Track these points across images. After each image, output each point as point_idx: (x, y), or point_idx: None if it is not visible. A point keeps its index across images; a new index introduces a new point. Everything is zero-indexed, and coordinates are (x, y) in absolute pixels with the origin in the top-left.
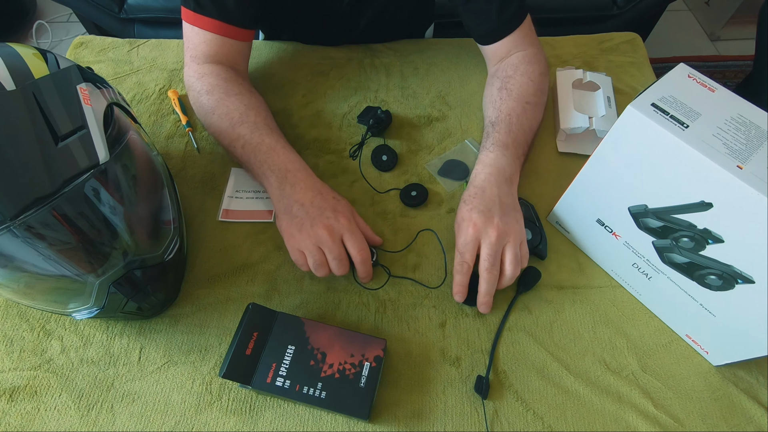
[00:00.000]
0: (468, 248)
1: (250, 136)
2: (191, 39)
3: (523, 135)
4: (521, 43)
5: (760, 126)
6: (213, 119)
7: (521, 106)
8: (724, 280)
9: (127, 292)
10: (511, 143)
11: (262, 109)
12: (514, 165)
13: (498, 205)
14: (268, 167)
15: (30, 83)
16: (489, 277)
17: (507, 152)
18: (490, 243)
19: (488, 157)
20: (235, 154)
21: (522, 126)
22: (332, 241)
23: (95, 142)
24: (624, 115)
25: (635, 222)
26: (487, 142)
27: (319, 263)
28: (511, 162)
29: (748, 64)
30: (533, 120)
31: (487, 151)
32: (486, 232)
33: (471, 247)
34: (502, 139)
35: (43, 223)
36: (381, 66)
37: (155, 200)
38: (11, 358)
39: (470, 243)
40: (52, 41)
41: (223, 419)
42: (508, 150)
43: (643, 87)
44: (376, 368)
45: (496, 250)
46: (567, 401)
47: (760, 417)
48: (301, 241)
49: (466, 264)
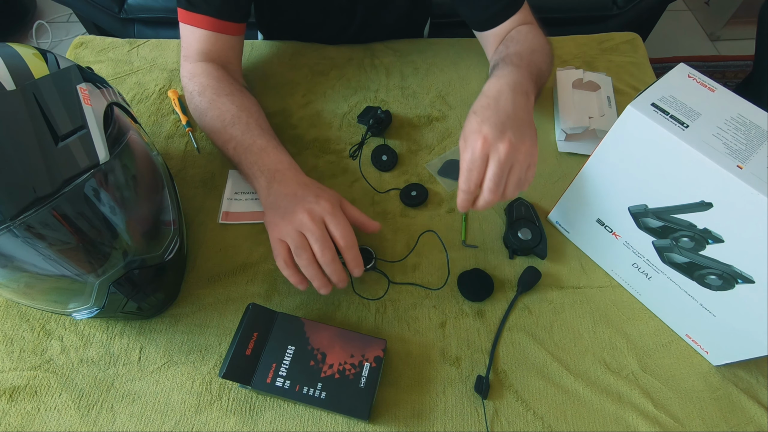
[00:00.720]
0: (476, 165)
1: (242, 138)
2: (185, 38)
3: (535, 66)
4: (523, 22)
5: (760, 126)
6: (206, 120)
7: (529, 50)
8: (724, 280)
9: (127, 292)
10: (524, 66)
11: (254, 110)
12: (529, 83)
13: (512, 118)
14: (258, 168)
15: (30, 83)
16: (490, 199)
17: (521, 70)
18: (499, 161)
19: (500, 72)
20: (227, 155)
21: (533, 61)
22: (313, 223)
23: (95, 142)
24: (624, 115)
25: (635, 222)
26: (496, 69)
27: (300, 246)
28: (526, 78)
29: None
30: (542, 62)
31: (497, 70)
32: (496, 147)
33: (479, 164)
34: (514, 62)
35: (43, 223)
36: (381, 66)
37: (155, 200)
38: (11, 358)
39: (479, 159)
40: (52, 41)
41: (223, 419)
42: (522, 69)
43: (643, 87)
44: (376, 368)
45: (504, 170)
46: (567, 401)
47: (760, 417)
48: (282, 228)
49: (474, 182)
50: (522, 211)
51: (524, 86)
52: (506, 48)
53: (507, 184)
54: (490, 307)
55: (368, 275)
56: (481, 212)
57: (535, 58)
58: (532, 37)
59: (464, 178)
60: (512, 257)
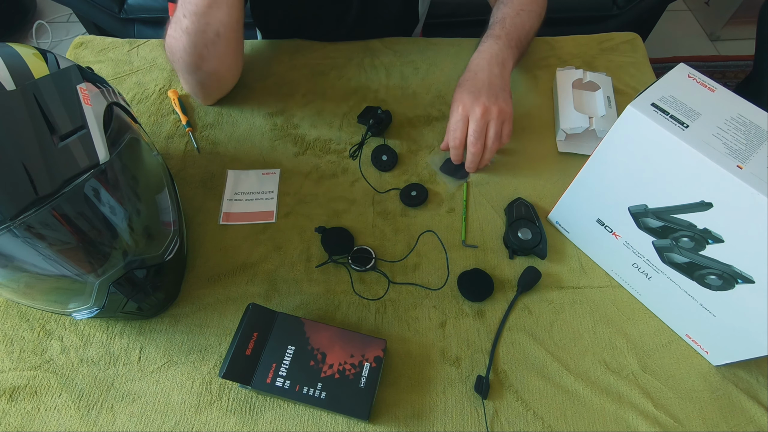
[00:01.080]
0: (458, 126)
1: None
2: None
3: (516, 30)
4: None
5: (760, 126)
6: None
7: (515, 11)
8: (724, 280)
9: (127, 292)
10: (504, 35)
11: None
12: (506, 52)
13: (487, 86)
14: None
15: (30, 83)
16: (474, 150)
17: (499, 41)
18: (476, 119)
19: (482, 47)
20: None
21: (515, 24)
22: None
23: (95, 142)
24: (624, 115)
25: (635, 222)
26: (481, 41)
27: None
28: (503, 48)
29: (748, 64)
30: (527, 22)
31: (481, 44)
32: (473, 110)
33: (461, 125)
34: (495, 33)
35: (43, 223)
36: (381, 66)
37: (155, 200)
38: (11, 358)
39: (460, 121)
40: (52, 41)
41: (223, 419)
42: (501, 39)
43: (643, 87)
44: (376, 368)
45: (481, 126)
46: (567, 401)
47: (760, 417)
48: None
49: (458, 139)
50: (522, 211)
51: (500, 57)
52: (496, 12)
53: (486, 137)
54: (490, 307)
55: (368, 275)
56: (481, 212)
57: (519, 21)
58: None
59: (450, 136)
60: (512, 257)
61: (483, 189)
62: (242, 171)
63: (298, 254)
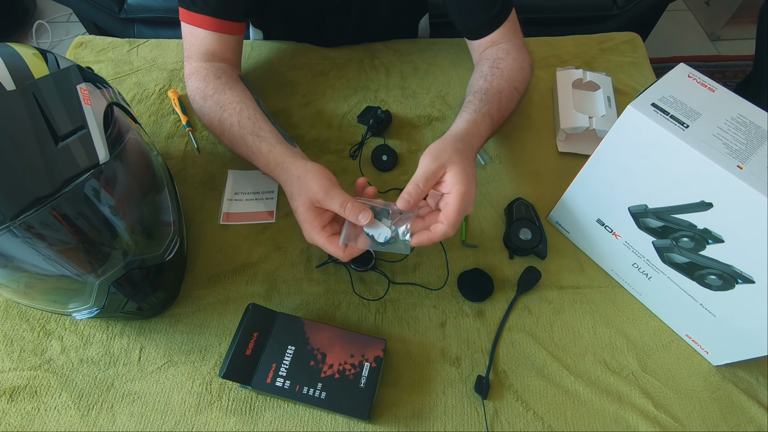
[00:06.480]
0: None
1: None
2: (186, 38)
3: (497, 107)
4: (508, 36)
5: (760, 126)
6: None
7: (510, 88)
8: (724, 280)
9: (127, 292)
10: (482, 115)
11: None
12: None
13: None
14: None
15: (30, 83)
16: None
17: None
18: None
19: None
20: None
21: (493, 103)
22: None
23: (95, 142)
24: (624, 115)
25: (635, 222)
26: (462, 109)
27: None
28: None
29: (748, 64)
30: (514, 105)
31: (460, 116)
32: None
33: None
34: (475, 107)
35: (43, 223)
36: (381, 66)
37: (155, 200)
38: (11, 358)
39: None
40: (52, 41)
41: (223, 419)
42: (478, 118)
43: (643, 87)
44: (376, 368)
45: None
46: (567, 401)
47: (760, 417)
48: None
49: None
50: (522, 211)
51: (473, 136)
52: (478, 79)
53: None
54: (490, 307)
55: (368, 275)
56: (481, 212)
57: (497, 100)
58: (518, 66)
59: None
60: (512, 257)
61: (483, 189)
62: (242, 171)
63: (299, 254)
